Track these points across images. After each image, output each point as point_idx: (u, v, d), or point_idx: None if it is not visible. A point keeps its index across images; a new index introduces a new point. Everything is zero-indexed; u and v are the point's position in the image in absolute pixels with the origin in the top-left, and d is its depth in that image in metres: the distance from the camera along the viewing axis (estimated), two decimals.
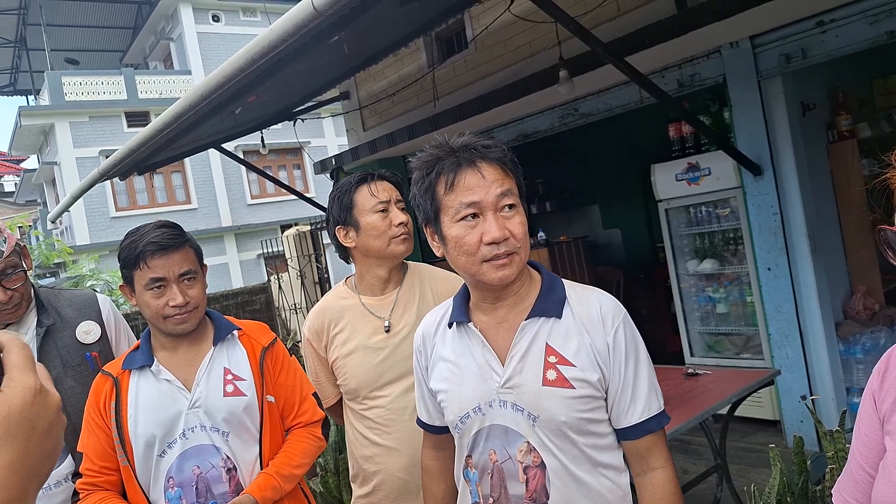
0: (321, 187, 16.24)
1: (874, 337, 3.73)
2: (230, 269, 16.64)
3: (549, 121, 5.07)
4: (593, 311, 1.22)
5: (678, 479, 1.24)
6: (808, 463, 2.02)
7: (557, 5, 3.09)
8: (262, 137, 5.56)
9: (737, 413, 3.50)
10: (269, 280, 8.30)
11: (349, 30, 3.19)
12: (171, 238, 1.54)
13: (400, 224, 1.76)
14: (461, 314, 1.28)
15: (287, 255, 7.34)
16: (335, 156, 6.50)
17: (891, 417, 0.89)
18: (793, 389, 3.68)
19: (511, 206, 1.17)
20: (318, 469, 2.77)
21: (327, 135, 17.66)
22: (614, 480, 1.23)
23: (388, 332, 1.76)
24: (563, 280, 1.30)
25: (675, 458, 4.17)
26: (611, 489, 1.22)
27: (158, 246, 1.52)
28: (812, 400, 3.55)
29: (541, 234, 5.80)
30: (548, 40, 4.21)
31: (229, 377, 1.62)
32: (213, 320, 1.70)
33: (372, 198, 1.76)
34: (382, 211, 1.76)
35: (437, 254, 1.27)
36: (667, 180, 4.40)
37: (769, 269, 3.74)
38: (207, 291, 1.69)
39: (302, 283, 7.11)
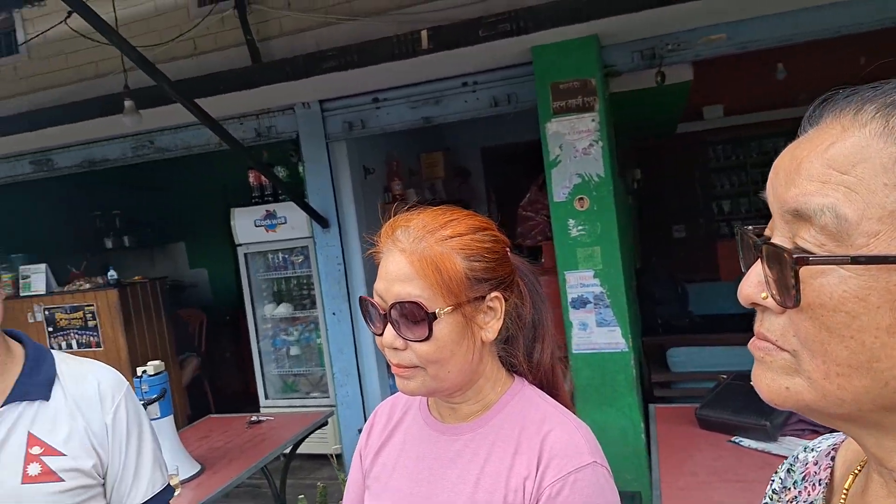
0: None
1: None
2: None
3: (120, 150, 4.58)
4: (90, 389, 1.12)
5: None
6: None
7: (119, 32, 2.82)
8: None
9: (304, 451, 3.69)
10: None
11: None
12: None
13: None
14: None
15: None
16: None
17: (370, 473, 0.99)
18: (351, 424, 4.08)
19: None
20: None
21: None
22: None
23: None
24: (53, 353, 1.15)
25: (245, 503, 4.06)
26: None
27: None
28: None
29: (111, 274, 5.12)
30: (117, 64, 3.81)
31: None
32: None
33: None
34: None
35: None
36: (246, 225, 4.44)
37: (334, 313, 4.10)
38: None
39: None
